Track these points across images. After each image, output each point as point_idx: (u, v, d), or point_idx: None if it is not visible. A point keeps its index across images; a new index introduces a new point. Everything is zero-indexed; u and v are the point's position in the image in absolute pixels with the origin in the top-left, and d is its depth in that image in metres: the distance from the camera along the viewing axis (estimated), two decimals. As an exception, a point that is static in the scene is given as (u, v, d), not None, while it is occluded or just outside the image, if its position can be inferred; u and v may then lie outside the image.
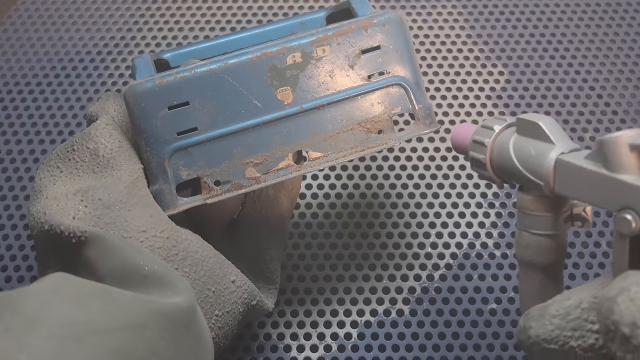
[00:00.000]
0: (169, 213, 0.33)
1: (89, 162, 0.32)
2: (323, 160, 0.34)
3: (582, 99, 0.50)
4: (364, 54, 0.34)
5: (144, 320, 0.26)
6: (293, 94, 0.34)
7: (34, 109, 0.50)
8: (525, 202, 0.30)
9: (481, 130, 0.32)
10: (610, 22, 0.54)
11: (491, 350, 0.40)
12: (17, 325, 0.24)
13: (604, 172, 0.26)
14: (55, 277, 0.27)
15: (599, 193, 0.26)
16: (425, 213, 0.45)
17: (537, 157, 0.29)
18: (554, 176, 0.28)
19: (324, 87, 0.34)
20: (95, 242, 0.29)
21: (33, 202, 0.32)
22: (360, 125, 0.34)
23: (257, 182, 0.34)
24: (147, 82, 0.32)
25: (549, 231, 0.30)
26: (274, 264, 0.38)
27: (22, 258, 0.44)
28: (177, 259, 0.31)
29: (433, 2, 0.55)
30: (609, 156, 0.25)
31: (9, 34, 0.54)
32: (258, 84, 0.33)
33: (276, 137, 0.34)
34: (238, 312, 0.34)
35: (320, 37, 0.34)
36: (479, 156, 0.32)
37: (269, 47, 0.33)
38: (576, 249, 0.43)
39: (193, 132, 0.33)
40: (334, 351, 0.40)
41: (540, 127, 0.29)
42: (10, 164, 0.48)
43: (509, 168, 0.30)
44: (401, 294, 0.42)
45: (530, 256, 0.30)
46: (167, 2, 0.55)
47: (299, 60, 0.33)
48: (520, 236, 0.31)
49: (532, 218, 0.30)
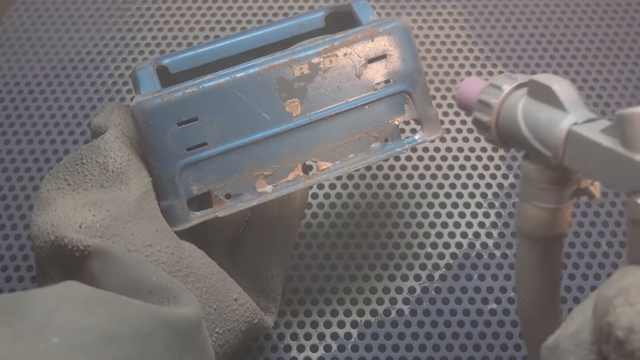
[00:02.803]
0: (182, 228, 0.33)
1: (98, 176, 0.32)
2: (332, 170, 0.34)
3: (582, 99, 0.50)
4: (370, 63, 0.34)
5: (151, 330, 0.26)
6: (301, 105, 0.34)
7: (34, 109, 0.50)
8: (529, 172, 0.27)
9: (489, 89, 0.29)
10: (610, 22, 0.54)
11: (491, 350, 0.40)
12: (26, 332, 0.24)
13: (619, 151, 0.23)
14: (64, 285, 0.27)
15: (612, 172, 0.24)
16: (425, 213, 0.45)
17: (547, 125, 0.26)
18: (564, 148, 0.25)
19: (331, 97, 0.34)
20: (99, 256, 0.29)
21: (39, 213, 0.31)
22: (367, 133, 0.35)
23: (267, 194, 0.34)
24: (155, 99, 0.32)
25: (552, 205, 0.27)
26: (275, 283, 0.38)
27: (22, 258, 0.44)
28: (181, 275, 0.31)
29: (433, 2, 0.55)
30: (627, 133, 0.23)
31: (9, 34, 0.54)
32: (266, 97, 0.33)
33: (285, 148, 0.34)
34: (239, 331, 0.34)
35: (327, 48, 0.34)
36: (484, 118, 0.29)
37: (276, 59, 0.33)
38: (576, 249, 0.43)
39: (203, 147, 0.33)
40: (334, 351, 0.40)
41: (553, 92, 0.26)
42: (10, 163, 0.48)
43: (516, 134, 0.28)
44: (401, 294, 0.42)
45: (530, 229, 0.28)
46: (167, 2, 0.55)
47: (306, 72, 0.33)
48: (521, 207, 0.28)
49: (535, 190, 0.27)
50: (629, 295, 0.21)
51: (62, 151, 0.48)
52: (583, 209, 0.45)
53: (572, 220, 0.45)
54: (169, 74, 0.37)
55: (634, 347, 0.20)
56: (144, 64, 0.36)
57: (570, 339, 0.23)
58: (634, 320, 0.20)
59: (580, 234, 0.44)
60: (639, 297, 0.20)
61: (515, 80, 0.28)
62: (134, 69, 0.36)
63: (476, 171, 0.47)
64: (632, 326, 0.20)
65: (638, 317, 0.20)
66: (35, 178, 0.47)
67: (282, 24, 0.38)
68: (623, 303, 0.21)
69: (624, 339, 0.20)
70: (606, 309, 0.21)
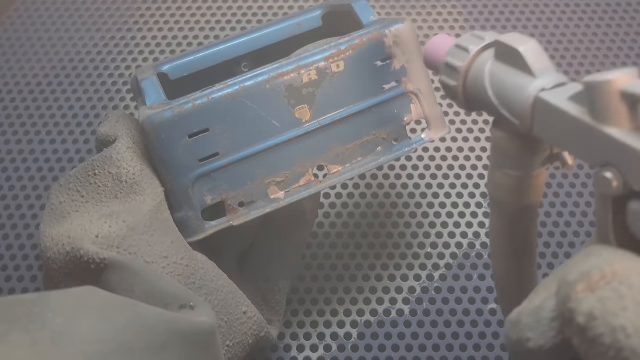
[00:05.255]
0: (198, 238, 0.33)
1: (112, 187, 0.32)
2: (342, 173, 0.34)
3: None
4: (377, 65, 0.34)
5: (165, 341, 0.26)
6: (310, 111, 0.34)
7: (34, 109, 0.50)
8: (499, 140, 0.26)
9: (455, 50, 0.27)
10: (610, 22, 0.54)
11: (491, 350, 0.40)
12: (44, 340, 0.24)
13: (587, 121, 0.21)
14: (84, 290, 0.27)
15: (580, 143, 0.22)
16: (425, 213, 0.45)
17: (514, 91, 0.24)
18: (532, 116, 0.24)
19: (340, 101, 0.34)
20: (116, 269, 0.29)
21: (52, 225, 0.31)
22: (376, 135, 0.35)
23: (280, 201, 0.34)
24: (165, 112, 0.32)
25: (523, 172, 0.26)
26: (281, 296, 0.38)
27: (22, 258, 0.44)
28: (195, 287, 0.31)
29: (433, 2, 0.55)
30: (595, 103, 0.21)
31: (9, 34, 0.54)
32: (276, 105, 0.33)
33: (296, 154, 0.34)
34: (247, 344, 0.34)
35: (334, 53, 0.34)
36: (451, 82, 0.27)
37: (284, 66, 0.33)
38: (576, 249, 0.43)
39: (215, 158, 0.33)
40: (334, 351, 0.40)
41: (520, 54, 0.24)
42: (10, 163, 0.48)
43: (483, 99, 0.26)
44: (401, 294, 0.42)
45: (501, 197, 0.27)
46: (167, 2, 0.55)
47: (314, 78, 0.33)
48: (492, 175, 0.27)
49: (506, 157, 0.26)
50: (591, 280, 0.20)
51: (62, 151, 0.48)
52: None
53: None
54: (169, 81, 0.37)
55: (595, 333, 0.19)
56: (145, 73, 0.35)
57: (532, 315, 0.22)
58: (595, 307, 0.19)
59: (580, 233, 0.44)
60: (601, 282, 0.20)
61: (483, 40, 0.26)
62: (134, 78, 0.36)
63: (476, 171, 0.47)
64: (593, 312, 0.19)
65: (599, 304, 0.19)
66: (35, 178, 0.47)
67: (280, 25, 0.38)
68: (584, 289, 0.20)
69: (585, 326, 0.20)
70: (568, 295, 0.20)
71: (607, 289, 0.20)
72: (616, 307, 0.19)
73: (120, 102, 0.50)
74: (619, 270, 0.20)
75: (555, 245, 0.44)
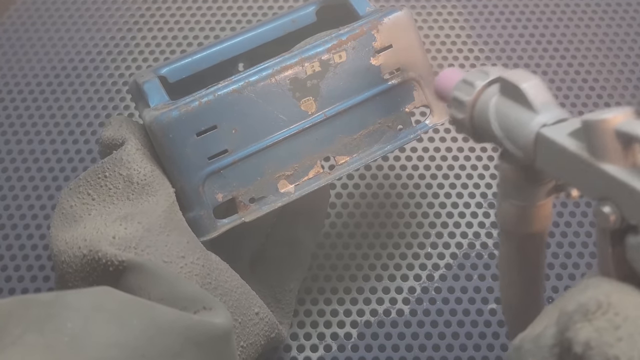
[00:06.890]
0: (211, 236, 0.33)
1: (123, 189, 0.32)
2: (350, 163, 0.35)
3: (582, 99, 0.50)
4: (378, 54, 0.35)
5: (180, 348, 0.26)
6: (315, 102, 0.34)
7: (34, 108, 0.50)
8: (506, 171, 0.27)
9: (462, 85, 0.28)
10: (610, 22, 0.54)
11: (491, 350, 0.40)
12: (59, 344, 0.24)
13: (584, 157, 0.23)
14: (100, 290, 0.26)
15: (579, 177, 0.23)
16: (425, 213, 0.45)
17: (517, 125, 0.25)
18: (535, 150, 0.25)
19: (344, 92, 0.34)
20: (134, 270, 0.29)
21: (64, 229, 0.31)
22: (381, 124, 0.35)
23: (290, 194, 0.34)
24: (173, 111, 0.32)
25: (529, 202, 0.27)
26: (291, 297, 0.38)
27: (22, 258, 0.44)
28: (210, 288, 0.31)
29: (433, 2, 0.55)
30: (592, 140, 0.22)
31: (9, 34, 0.54)
32: (281, 98, 0.33)
33: (304, 147, 0.34)
34: (259, 345, 0.34)
35: (335, 44, 0.34)
36: (459, 115, 0.28)
37: (287, 59, 0.33)
38: (576, 248, 0.43)
39: (224, 154, 0.33)
40: (334, 351, 0.40)
41: (521, 91, 0.25)
42: (10, 163, 0.48)
43: (489, 132, 0.27)
44: (401, 294, 0.42)
45: (509, 226, 0.28)
46: (167, 2, 0.55)
47: (318, 69, 0.34)
48: (501, 206, 0.28)
49: (512, 188, 0.27)
50: (588, 311, 0.21)
51: (62, 151, 0.48)
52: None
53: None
54: (168, 83, 0.37)
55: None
56: (145, 77, 0.35)
57: (533, 341, 0.23)
58: (592, 336, 0.20)
59: (580, 233, 0.44)
60: (598, 313, 0.21)
61: (488, 75, 0.28)
62: (133, 82, 0.36)
63: (476, 171, 0.47)
64: (589, 342, 0.20)
65: (595, 333, 0.20)
66: (35, 178, 0.47)
67: (275, 22, 0.38)
68: (582, 319, 0.21)
69: (582, 355, 0.20)
70: (566, 324, 0.21)
71: (603, 319, 0.20)
72: (611, 337, 0.20)
73: (120, 102, 0.50)
74: (614, 301, 0.21)
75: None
